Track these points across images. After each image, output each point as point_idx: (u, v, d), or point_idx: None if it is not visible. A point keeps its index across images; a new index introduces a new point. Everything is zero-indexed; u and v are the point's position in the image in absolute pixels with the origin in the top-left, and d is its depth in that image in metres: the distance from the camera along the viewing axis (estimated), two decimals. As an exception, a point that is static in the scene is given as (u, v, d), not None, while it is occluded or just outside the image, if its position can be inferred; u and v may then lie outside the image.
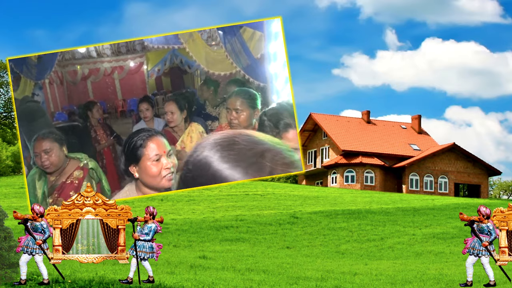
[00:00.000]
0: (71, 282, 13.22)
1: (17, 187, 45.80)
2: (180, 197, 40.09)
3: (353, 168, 60.46)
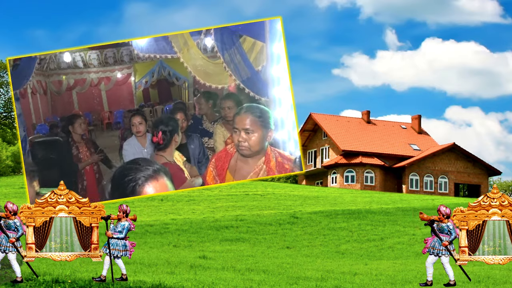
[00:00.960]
0: (71, 282, 13.22)
1: (17, 187, 45.80)
2: (180, 197, 40.09)
3: (353, 168, 60.46)
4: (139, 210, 35.61)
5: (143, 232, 28.22)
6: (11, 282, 13.00)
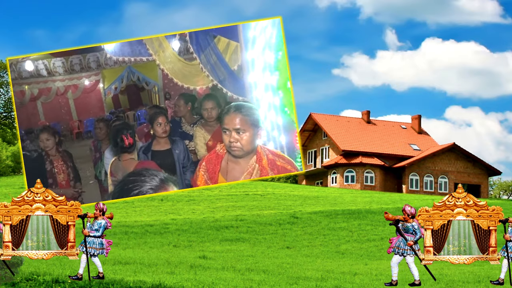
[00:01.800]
0: (71, 282, 13.22)
1: (17, 187, 45.80)
2: (180, 197, 40.09)
3: (353, 168, 60.46)
4: (139, 210, 35.61)
5: (143, 232, 28.22)
6: None
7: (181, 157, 15.57)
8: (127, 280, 13.65)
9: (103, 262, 17.43)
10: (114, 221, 30.93)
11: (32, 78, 15.89)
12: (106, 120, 16.63)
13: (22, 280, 13.27)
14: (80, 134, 17.04)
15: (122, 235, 27.56)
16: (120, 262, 17.60)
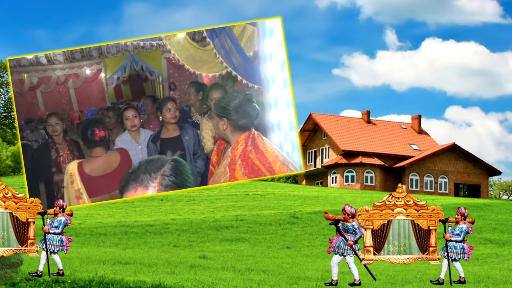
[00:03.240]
0: (71, 282, 13.22)
1: (17, 187, 45.69)
2: (180, 197, 40.08)
3: (353, 168, 60.45)
4: (139, 210, 35.61)
5: (143, 232, 28.22)
6: None
7: (191, 144, 14.96)
8: (127, 280, 13.65)
9: (103, 262, 17.45)
10: (114, 221, 30.98)
11: (31, 67, 15.34)
12: (115, 109, 16.03)
13: (22, 280, 13.27)
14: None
15: (122, 235, 27.56)
16: (120, 262, 17.60)
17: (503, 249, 25.97)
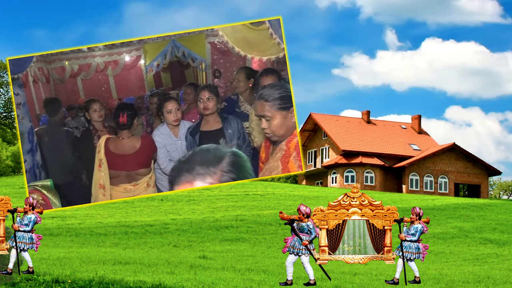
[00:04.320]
0: (71, 282, 13.22)
1: (17, 187, 45.81)
2: (180, 197, 40.09)
3: (353, 168, 60.45)
4: (139, 210, 35.61)
5: (143, 232, 28.22)
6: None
7: (234, 138, 14.00)
8: (127, 280, 13.65)
9: (103, 262, 17.45)
10: (114, 221, 30.97)
11: (72, 54, 15.14)
12: (159, 94, 15.42)
13: (22, 280, 13.27)
14: None
15: (122, 235, 27.56)
16: (120, 262, 17.59)
17: (503, 249, 25.96)
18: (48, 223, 29.95)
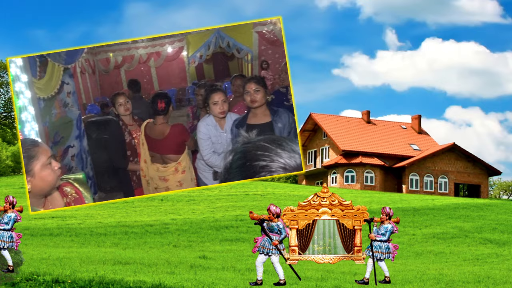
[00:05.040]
0: (71, 282, 13.22)
1: (17, 187, 45.81)
2: (180, 197, 40.09)
3: (353, 168, 60.45)
4: (139, 210, 35.62)
5: (143, 232, 28.22)
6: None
7: (284, 132, 13.64)
8: (127, 280, 13.65)
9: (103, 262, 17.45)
10: (114, 221, 30.97)
11: (117, 46, 15.17)
12: (206, 85, 15.15)
13: (22, 280, 13.27)
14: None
15: (122, 235, 27.56)
16: (120, 262, 17.59)
17: (503, 249, 25.97)
18: (48, 223, 29.95)
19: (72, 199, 12.72)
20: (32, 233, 27.17)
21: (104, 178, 14.84)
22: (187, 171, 14.93)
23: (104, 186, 14.88)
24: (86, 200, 13.12)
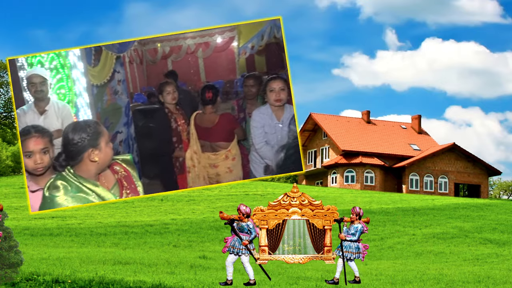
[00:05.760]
0: (71, 282, 13.22)
1: (17, 187, 45.81)
2: (180, 197, 40.09)
3: (353, 168, 60.46)
4: (139, 210, 35.62)
5: (143, 232, 28.22)
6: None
7: None
8: (127, 280, 13.65)
9: (103, 262, 17.46)
10: (114, 221, 30.97)
11: (165, 36, 15.19)
12: (257, 77, 15.08)
13: (22, 280, 13.26)
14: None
15: (122, 235, 27.56)
16: (120, 262, 17.59)
17: (503, 249, 25.97)
18: (48, 223, 29.96)
19: (122, 176, 12.97)
20: (32, 233, 27.17)
21: (148, 165, 15.03)
22: (237, 159, 15.16)
23: (148, 172, 14.98)
24: (133, 178, 13.29)
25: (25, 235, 26.51)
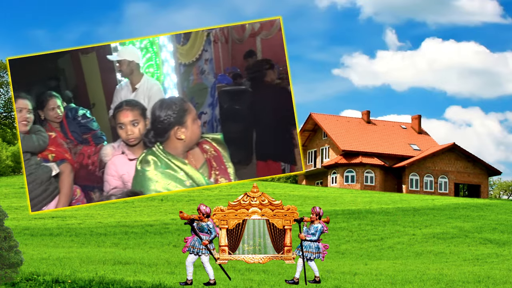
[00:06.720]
0: (71, 282, 13.22)
1: (17, 187, 45.79)
2: (180, 197, 40.09)
3: (353, 168, 60.46)
4: (139, 210, 35.61)
5: (143, 232, 28.22)
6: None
7: None
8: (127, 280, 13.66)
9: (103, 262, 17.46)
10: (114, 221, 30.97)
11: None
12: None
13: (22, 280, 13.27)
14: None
15: (122, 235, 27.56)
16: (120, 262, 17.60)
17: (503, 249, 25.97)
18: (48, 223, 29.96)
19: (212, 156, 13.13)
20: (32, 233, 27.17)
21: (232, 149, 14.62)
22: None
23: (232, 158, 14.59)
24: (224, 159, 13.45)
25: (25, 235, 26.51)
